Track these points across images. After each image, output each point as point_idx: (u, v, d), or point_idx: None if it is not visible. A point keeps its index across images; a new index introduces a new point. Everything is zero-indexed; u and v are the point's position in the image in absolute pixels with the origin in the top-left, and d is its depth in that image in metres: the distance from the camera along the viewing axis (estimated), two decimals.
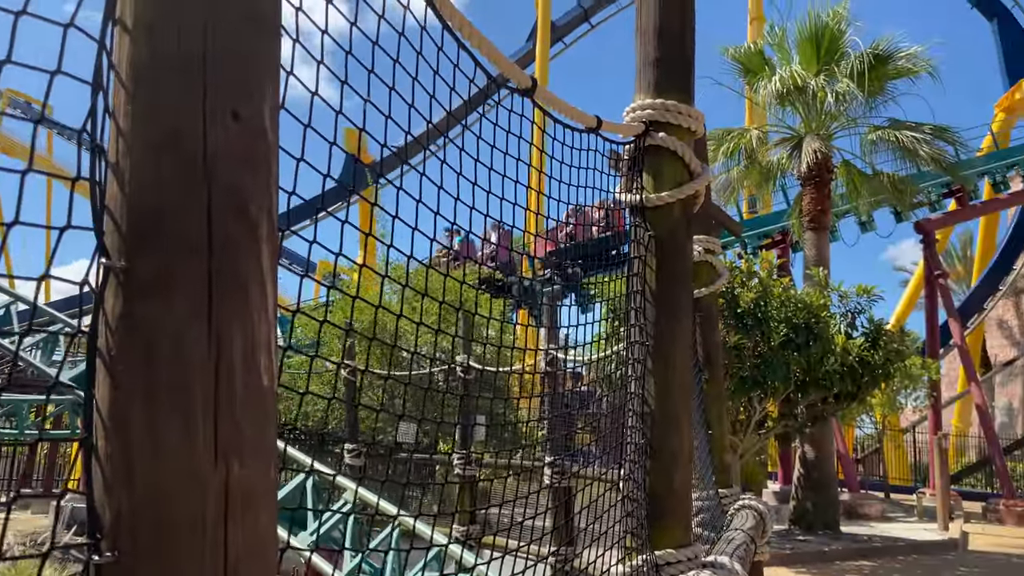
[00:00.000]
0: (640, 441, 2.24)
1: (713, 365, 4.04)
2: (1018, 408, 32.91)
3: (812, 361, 10.39)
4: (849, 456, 23.43)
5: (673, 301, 2.31)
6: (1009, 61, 30.69)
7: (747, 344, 10.36)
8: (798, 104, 15.53)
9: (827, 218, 15.40)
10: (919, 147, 14.56)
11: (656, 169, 2.35)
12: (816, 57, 15.55)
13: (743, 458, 11.81)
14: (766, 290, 10.68)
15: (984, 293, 31.32)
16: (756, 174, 16.59)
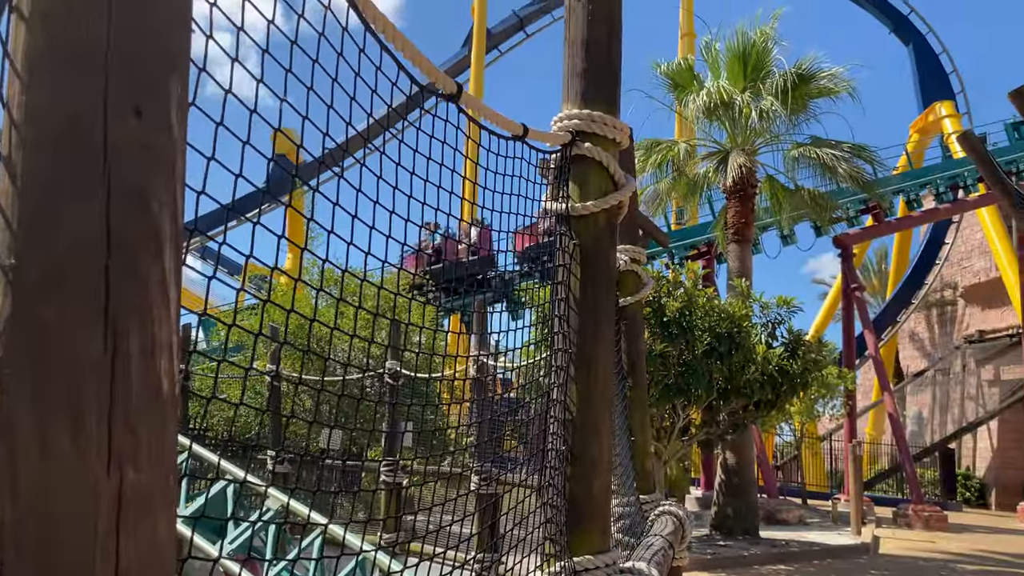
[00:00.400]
0: (561, 448, 2.26)
1: (637, 372, 4.10)
2: (928, 417, 34.47)
3: (734, 369, 10.65)
4: (769, 463, 24.12)
5: (597, 309, 2.34)
6: (924, 85, 32.18)
7: (672, 352, 10.55)
8: (725, 119, 15.95)
9: (750, 231, 15.84)
10: (838, 164, 15.14)
11: (582, 179, 2.38)
12: (743, 74, 16.01)
13: (667, 464, 12.03)
14: (691, 300, 10.91)
15: (897, 306, 32.72)
16: (683, 186, 16.96)
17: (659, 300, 10.83)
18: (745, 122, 15.75)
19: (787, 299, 11.86)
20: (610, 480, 2.34)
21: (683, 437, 11.96)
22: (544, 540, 2.21)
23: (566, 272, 2.33)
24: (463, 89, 1.76)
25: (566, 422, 2.27)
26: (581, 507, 2.21)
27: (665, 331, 10.57)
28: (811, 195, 16.52)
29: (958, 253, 34.98)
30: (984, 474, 30.38)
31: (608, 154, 2.40)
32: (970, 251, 34.84)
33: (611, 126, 2.38)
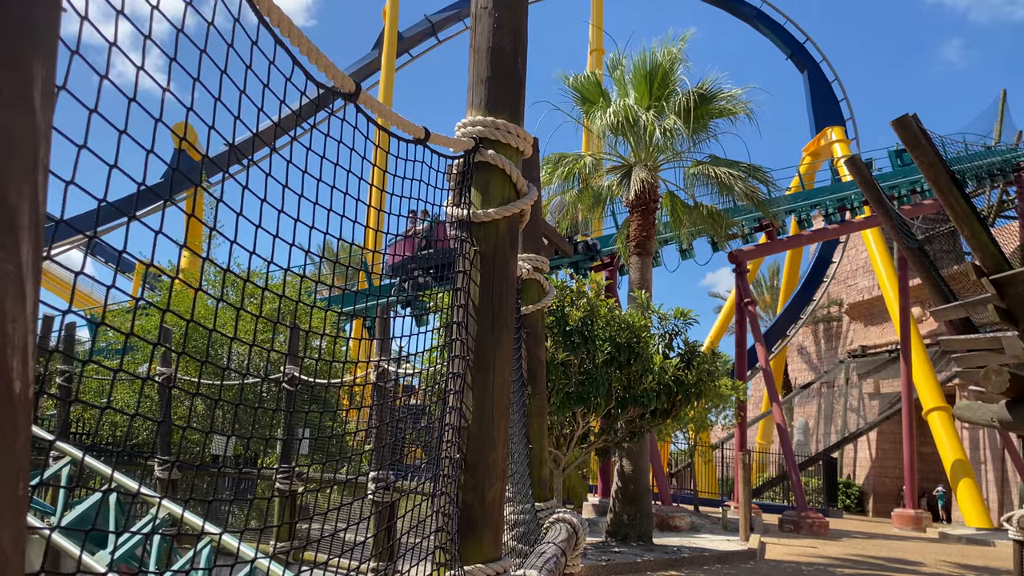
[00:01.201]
0: (456, 455, 2.24)
1: (536, 381, 4.12)
2: (813, 427, 36.14)
3: (632, 379, 10.88)
4: (664, 470, 24.73)
5: (496, 316, 2.34)
6: (816, 110, 33.85)
7: (573, 361, 10.69)
8: (630, 135, 16.31)
9: (651, 244, 16.25)
10: (735, 183, 15.72)
11: (484, 185, 2.38)
12: (648, 92, 16.42)
13: (566, 471, 12.16)
14: (593, 310, 11.08)
15: (787, 321, 34.24)
16: (589, 198, 17.24)
17: (563, 309, 10.95)
18: (649, 139, 16.14)
19: (684, 311, 12.21)
20: (504, 488, 2.34)
21: (582, 444, 12.12)
22: (435, 548, 2.19)
23: (466, 278, 2.32)
24: (361, 88, 1.73)
25: (461, 429, 2.25)
26: (474, 515, 2.20)
27: (568, 340, 10.70)
28: (709, 212, 17.08)
29: (844, 272, 36.94)
30: (863, 482, 32.09)
31: (511, 162, 2.41)
32: (855, 270, 36.85)
33: (515, 134, 2.39)
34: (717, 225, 16.95)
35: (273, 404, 12.70)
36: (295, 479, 10.30)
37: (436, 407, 3.19)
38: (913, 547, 18.33)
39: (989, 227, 7.53)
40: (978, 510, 22.49)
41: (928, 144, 5.74)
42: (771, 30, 35.79)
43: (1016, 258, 7.48)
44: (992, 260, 5.55)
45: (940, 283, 7.58)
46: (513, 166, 2.40)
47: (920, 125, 5.93)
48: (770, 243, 24.81)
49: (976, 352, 6.57)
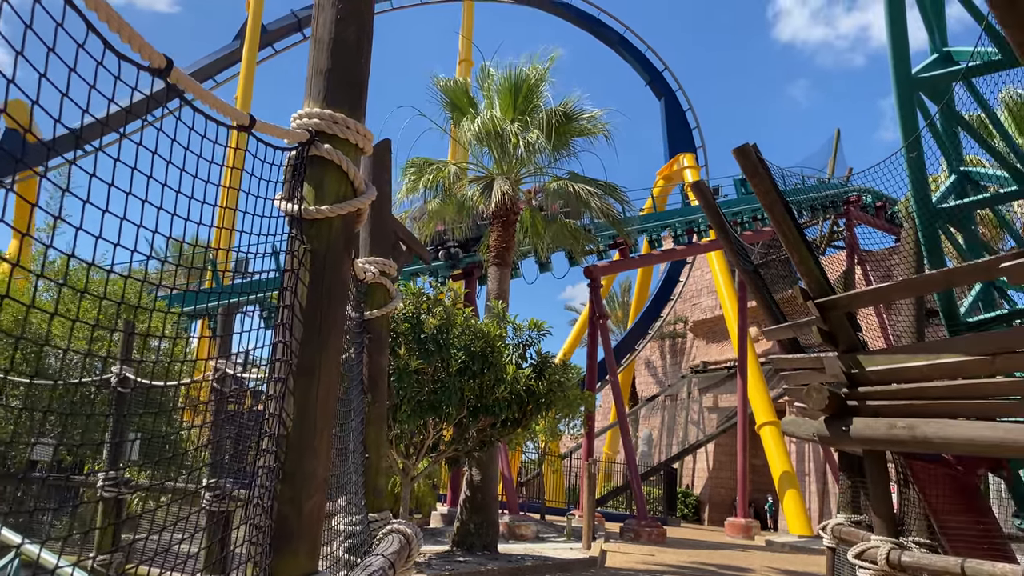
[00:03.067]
0: (272, 464, 2.11)
1: (377, 388, 4.01)
2: (657, 438, 37.68)
3: (485, 388, 10.90)
4: (513, 479, 25.00)
5: (325, 320, 2.22)
6: (671, 136, 35.49)
7: (427, 369, 10.59)
8: (494, 147, 16.44)
9: (510, 255, 16.42)
10: (592, 199, 16.16)
11: (318, 181, 2.26)
12: (513, 105, 16.62)
13: (415, 480, 12.01)
14: (449, 318, 11.04)
15: (636, 336, 35.55)
16: (452, 207, 17.22)
17: (418, 317, 10.84)
18: (512, 151, 16.33)
19: (538, 323, 12.38)
20: (324, 499, 2.22)
21: (432, 454, 12.03)
22: (247, 561, 2.05)
23: (293, 278, 2.19)
24: (173, 64, 1.58)
25: (280, 437, 2.13)
26: (290, 527, 2.08)
27: (422, 347, 10.59)
28: (567, 227, 17.47)
29: (689, 291, 38.86)
30: (700, 492, 33.75)
31: (349, 159, 2.31)
32: (700, 290, 38.85)
33: (354, 130, 2.29)
34: (575, 240, 17.35)
35: (105, 408, 11.82)
36: (123, 486, 9.60)
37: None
38: (743, 555, 19.42)
39: (819, 255, 8.11)
40: (801, 519, 24.15)
41: (765, 173, 6.07)
42: (633, 56, 37.25)
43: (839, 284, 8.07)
44: (817, 285, 5.94)
45: (772, 305, 8.04)
46: (351, 163, 2.30)
47: (759, 154, 6.27)
48: (623, 260, 25.72)
49: (801, 371, 7.01)
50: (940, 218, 6.95)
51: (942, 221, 7.02)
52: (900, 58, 6.83)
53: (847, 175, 34.40)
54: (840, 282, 10.16)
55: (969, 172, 7.26)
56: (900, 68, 6.82)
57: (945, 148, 7.05)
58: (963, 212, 7.08)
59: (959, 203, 7.04)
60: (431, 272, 22.34)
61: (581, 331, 34.71)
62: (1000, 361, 4.67)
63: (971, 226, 7.38)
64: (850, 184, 30.66)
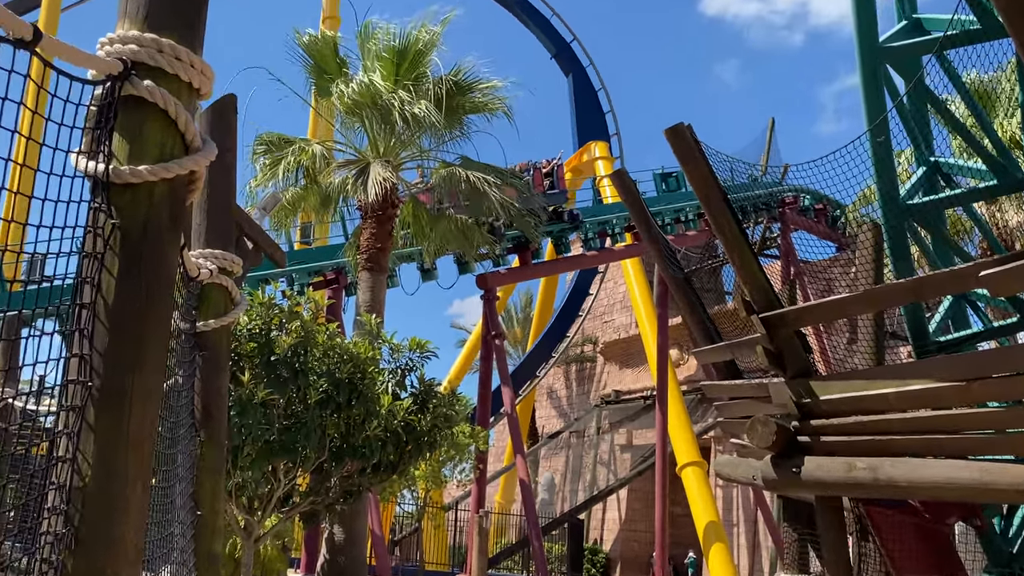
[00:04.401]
0: (61, 529, 1.80)
1: (214, 424, 3.70)
2: (560, 483, 37.95)
3: (352, 424, 10.55)
4: (384, 537, 24.57)
5: (141, 327, 1.94)
6: (580, 120, 35.98)
7: (278, 400, 10.17)
8: (371, 122, 16.12)
9: (386, 258, 16.12)
10: (489, 190, 16.07)
11: (135, 131, 1.98)
12: (396, 72, 16.35)
13: (259, 542, 11.52)
14: (308, 336, 10.64)
15: (538, 359, 35.75)
16: (315, 198, 16.78)
17: (268, 333, 10.42)
18: (392, 129, 16.07)
19: (421, 342, 12.12)
20: (139, 571, 1.93)
21: (283, 508, 11.56)
22: None
23: (96, 266, 1.89)
24: None
25: (74, 490, 1.82)
26: None
27: (273, 373, 10.18)
28: (458, 224, 17.31)
29: (601, 306, 39.47)
30: (611, 547, 34.17)
31: (181, 104, 2.03)
32: (612, 304, 39.53)
33: (187, 63, 2.02)
34: (467, 241, 17.21)
35: None
36: None
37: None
38: None
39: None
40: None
41: (701, 157, 6.09)
42: (536, 24, 37.62)
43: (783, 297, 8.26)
44: (762, 295, 5.97)
45: (706, 320, 8.11)
46: (182, 109, 2.02)
47: (694, 136, 6.29)
48: (524, 267, 25.75)
49: (741, 400, 7.07)
50: (909, 217, 7.18)
51: (910, 221, 7.24)
52: (865, 22, 7.02)
53: (783, 173, 35.81)
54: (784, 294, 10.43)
55: (941, 163, 7.53)
56: (865, 35, 7.00)
57: (914, 133, 7.28)
58: (934, 210, 7.33)
59: (932, 198, 7.29)
60: (286, 278, 21.71)
61: (471, 354, 34.60)
62: (976, 388, 4.76)
63: (942, 226, 7.66)
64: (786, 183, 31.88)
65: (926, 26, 7.40)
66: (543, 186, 25.31)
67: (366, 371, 10.87)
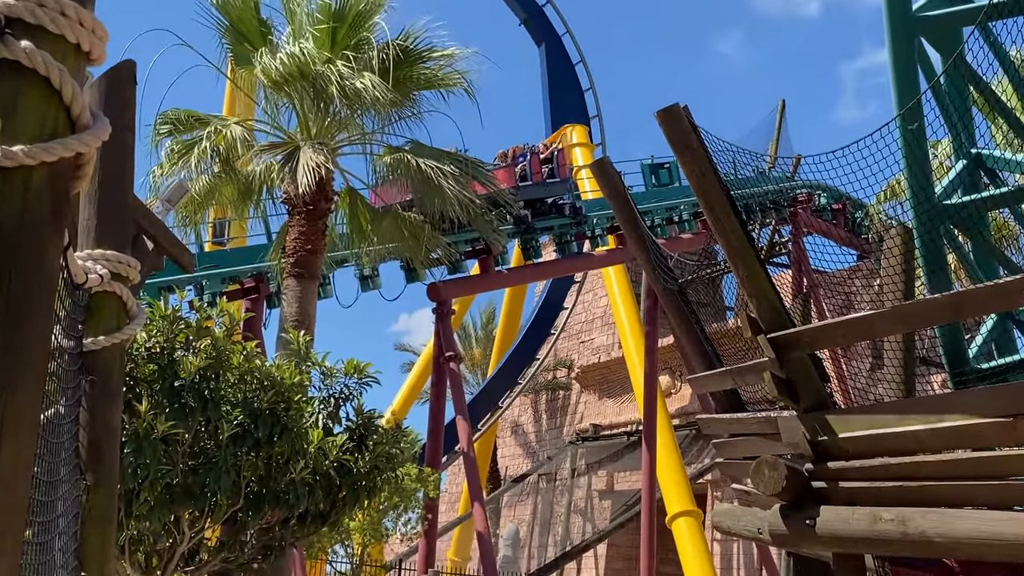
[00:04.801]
0: None
1: (104, 464, 3.68)
2: (526, 536, 37.95)
3: (274, 465, 10.49)
4: None
5: (12, 342, 1.91)
6: (554, 99, 36.11)
7: (183, 435, 10.10)
8: (302, 98, 16.06)
9: (318, 262, 16.03)
10: (444, 182, 16.05)
11: (8, 103, 1.97)
12: (332, 39, 16.31)
13: None
14: (221, 356, 10.59)
15: (501, 387, 35.75)
16: (232, 188, 16.68)
17: (172, 353, 10.36)
18: (327, 106, 16.02)
19: (359, 365, 12.08)
20: None
21: (188, 567, 11.48)
22: None
23: None
24: None
25: None
26: None
27: (176, 401, 10.11)
28: (406, 222, 17.29)
29: (578, 323, 39.63)
30: None
31: (66, 70, 2.00)
32: (591, 321, 39.70)
33: (76, 20, 2.00)
34: (415, 242, 17.19)
35: None
36: None
37: None
38: None
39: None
40: None
41: (700, 147, 6.12)
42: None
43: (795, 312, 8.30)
44: (771, 311, 6.01)
45: (703, 341, 8.16)
46: (68, 77, 2.00)
47: (692, 121, 6.33)
48: (485, 276, 25.78)
49: (744, 437, 7.11)
50: (946, 220, 7.26)
51: (947, 224, 7.32)
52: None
53: (795, 165, 36.11)
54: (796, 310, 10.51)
55: (984, 156, 7.62)
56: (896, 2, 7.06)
57: (952, 120, 7.36)
58: (975, 212, 7.41)
59: (973, 198, 7.37)
60: (194, 285, 21.55)
61: (421, 379, 34.54)
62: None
63: (984, 232, 7.75)
64: (799, 178, 32.15)
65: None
66: (541, 174, 26.15)
67: (291, 400, 10.81)
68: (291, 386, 10.88)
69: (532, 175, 26.13)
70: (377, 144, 17.04)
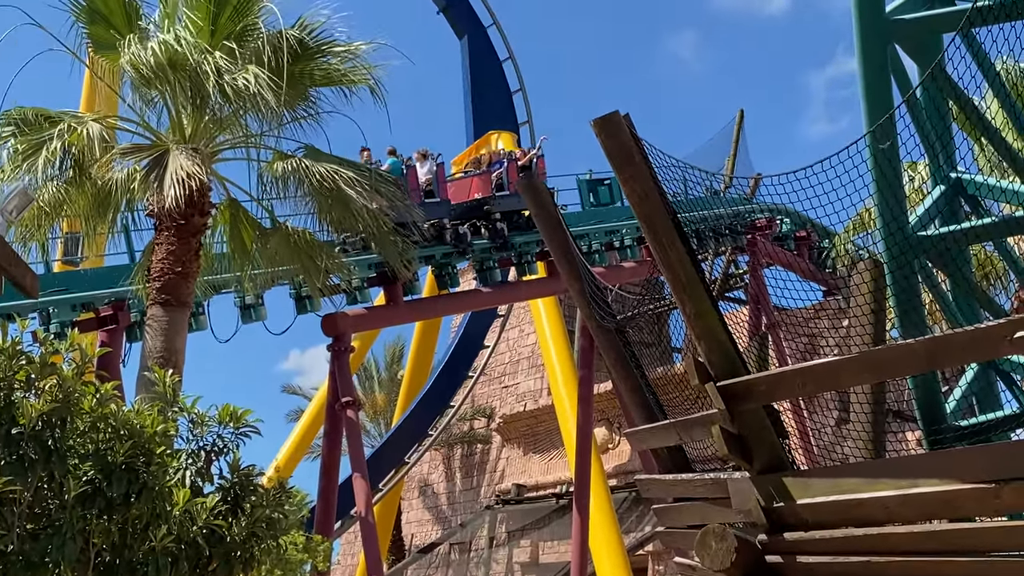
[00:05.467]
0: None
1: None
2: None
3: (131, 530, 10.35)
4: None
5: None
6: (478, 101, 36.13)
7: (22, 493, 9.93)
8: (176, 93, 15.90)
9: (190, 288, 15.81)
10: (349, 192, 15.95)
11: None
12: (212, 25, 16.20)
13: None
14: (69, 399, 10.44)
15: (408, 439, 35.49)
16: (86, 198, 16.43)
17: (9, 394, 10.19)
18: (204, 104, 15.90)
19: (237, 412, 11.95)
20: None
21: None
22: None
23: None
24: None
25: None
26: None
27: (14, 452, 9.94)
28: (301, 241, 17.16)
29: (500, 364, 39.65)
30: None
31: None
32: (516, 363, 39.77)
33: None
34: (312, 266, 17.08)
35: None
36: None
37: None
38: None
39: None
40: None
41: (643, 160, 6.18)
42: None
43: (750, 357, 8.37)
44: (723, 356, 6.07)
45: (645, 389, 8.22)
46: None
47: (634, 131, 6.38)
48: (391, 307, 25.65)
49: (690, 502, 7.16)
50: (921, 253, 7.37)
51: (923, 259, 7.43)
52: None
53: (753, 185, 36.51)
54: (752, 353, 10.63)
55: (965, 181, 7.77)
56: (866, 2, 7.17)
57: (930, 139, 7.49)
58: (955, 246, 7.53)
59: (952, 229, 7.49)
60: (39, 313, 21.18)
61: (312, 429, 34.19)
62: (1008, 494, 4.91)
63: (965, 268, 7.89)
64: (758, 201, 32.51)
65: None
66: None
67: (153, 453, 10.67)
68: (153, 436, 10.74)
69: (509, 184, 26.48)
70: (266, 149, 16.92)
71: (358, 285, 24.58)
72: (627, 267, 29.51)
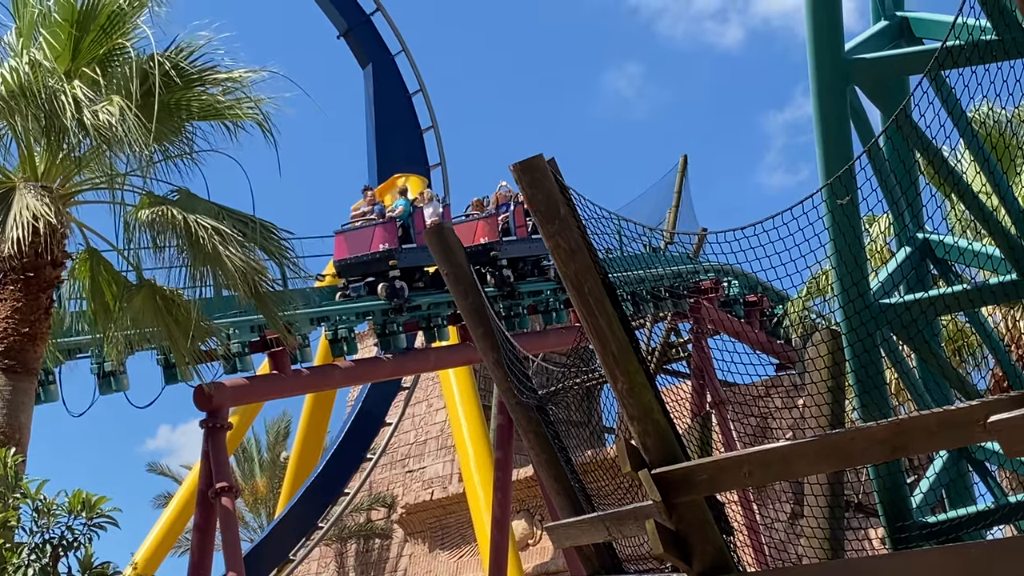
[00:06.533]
0: None
1: None
2: None
3: None
4: None
5: None
6: (383, 139, 36.06)
7: None
8: (28, 123, 15.75)
9: (38, 352, 15.61)
10: (227, 248, 15.85)
11: None
12: (73, 49, 16.12)
13: None
14: None
15: (294, 532, 35.08)
16: None
17: None
18: (62, 137, 15.76)
19: (91, 500, 11.81)
20: None
21: None
22: None
23: None
24: None
25: None
26: None
27: None
28: (169, 300, 17.02)
29: (404, 444, 39.47)
30: None
31: None
32: (423, 443, 39.62)
33: None
34: (177, 327, 16.94)
35: None
36: None
37: None
38: None
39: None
40: None
41: (569, 211, 6.21)
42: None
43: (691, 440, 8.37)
44: (660, 439, 6.09)
45: (571, 476, 8.21)
46: None
47: (560, 178, 6.42)
48: (276, 377, 25.48)
49: None
50: (884, 324, 7.44)
51: (886, 330, 7.50)
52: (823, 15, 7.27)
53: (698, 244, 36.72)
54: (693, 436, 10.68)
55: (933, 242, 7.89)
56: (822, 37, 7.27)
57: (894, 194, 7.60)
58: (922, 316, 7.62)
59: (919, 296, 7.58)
60: None
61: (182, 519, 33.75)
62: None
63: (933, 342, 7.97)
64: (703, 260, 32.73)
65: (916, 31, 7.78)
66: (526, 228, 27.14)
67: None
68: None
69: (516, 229, 27.08)
70: (134, 191, 16.79)
71: (238, 351, 24.35)
72: (552, 332, 29.49)
